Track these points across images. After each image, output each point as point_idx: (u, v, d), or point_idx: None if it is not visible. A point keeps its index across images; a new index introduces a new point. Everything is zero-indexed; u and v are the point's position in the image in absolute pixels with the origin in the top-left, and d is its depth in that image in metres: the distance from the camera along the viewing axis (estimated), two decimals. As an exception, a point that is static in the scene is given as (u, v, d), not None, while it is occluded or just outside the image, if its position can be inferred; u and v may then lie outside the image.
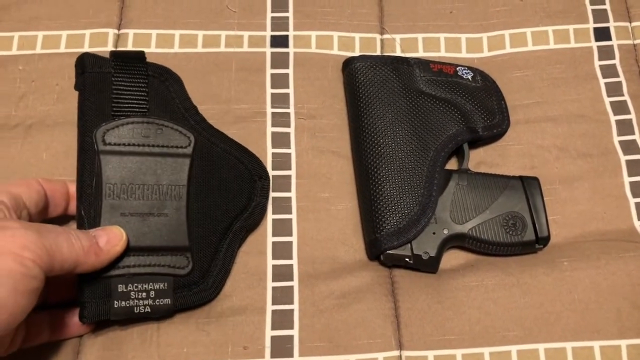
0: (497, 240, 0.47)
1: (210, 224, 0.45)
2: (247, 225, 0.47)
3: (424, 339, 0.45)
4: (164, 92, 0.48)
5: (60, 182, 0.44)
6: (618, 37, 0.57)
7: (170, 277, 0.43)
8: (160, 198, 0.44)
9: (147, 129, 0.45)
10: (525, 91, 0.55)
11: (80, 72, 0.46)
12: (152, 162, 0.44)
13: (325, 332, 0.45)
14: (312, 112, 0.53)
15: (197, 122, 0.48)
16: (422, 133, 0.50)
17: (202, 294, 0.44)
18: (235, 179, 0.47)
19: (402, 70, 0.53)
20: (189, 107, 0.48)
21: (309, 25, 0.56)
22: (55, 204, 0.44)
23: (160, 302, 0.42)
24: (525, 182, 0.49)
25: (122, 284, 0.41)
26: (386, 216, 0.47)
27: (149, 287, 0.42)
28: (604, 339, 0.45)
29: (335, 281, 0.47)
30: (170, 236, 0.44)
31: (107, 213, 0.42)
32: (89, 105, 0.45)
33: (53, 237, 0.36)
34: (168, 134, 0.46)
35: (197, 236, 0.45)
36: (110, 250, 0.40)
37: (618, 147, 0.53)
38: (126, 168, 0.44)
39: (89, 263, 0.39)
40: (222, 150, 0.48)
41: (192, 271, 0.44)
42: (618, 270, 0.47)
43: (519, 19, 0.58)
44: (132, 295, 0.41)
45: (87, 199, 0.43)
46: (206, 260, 0.45)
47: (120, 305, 0.41)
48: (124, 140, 0.44)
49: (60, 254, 0.36)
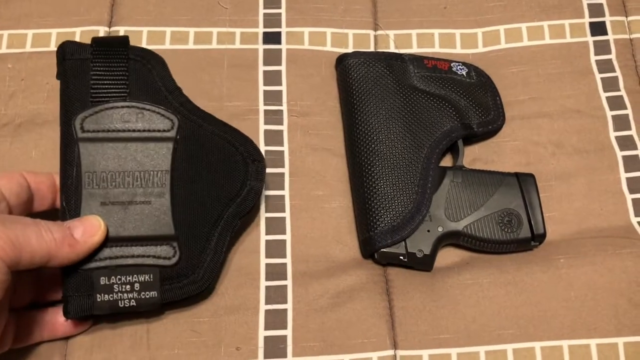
0: (492, 237, 0.47)
1: (199, 211, 0.44)
2: (240, 211, 0.44)
3: (419, 337, 0.45)
4: (146, 75, 0.45)
5: (46, 174, 0.43)
6: (614, 31, 0.57)
7: (156, 269, 0.41)
8: (142, 185, 0.42)
9: (127, 114, 0.43)
10: (520, 87, 0.54)
11: (60, 60, 0.45)
12: (133, 147, 0.43)
13: (319, 332, 0.44)
14: (305, 110, 0.53)
15: (181, 103, 0.46)
16: (416, 130, 0.49)
17: (191, 287, 0.42)
18: (226, 162, 0.45)
19: (396, 67, 0.52)
20: (173, 89, 0.46)
21: (301, 21, 0.56)
22: (41, 197, 0.42)
23: (146, 294, 0.41)
24: (521, 179, 0.48)
25: (104, 276, 0.40)
26: (380, 214, 0.47)
27: (133, 279, 0.40)
28: (601, 337, 0.45)
29: (329, 280, 0.46)
30: (154, 225, 0.42)
31: (87, 202, 0.41)
32: (69, 94, 0.43)
33: (20, 229, 0.35)
34: (149, 117, 0.44)
35: (185, 225, 0.43)
36: (87, 241, 0.39)
37: (614, 142, 0.52)
38: (105, 155, 0.42)
39: (64, 255, 0.37)
40: (210, 132, 0.45)
41: (179, 262, 0.42)
42: (615, 268, 0.47)
43: (514, 13, 0.57)
44: (115, 288, 0.40)
45: (68, 190, 0.41)
46: (196, 250, 0.43)
47: (103, 299, 0.40)
48: (102, 127, 0.43)
49: (29, 246, 0.35)
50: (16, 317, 0.40)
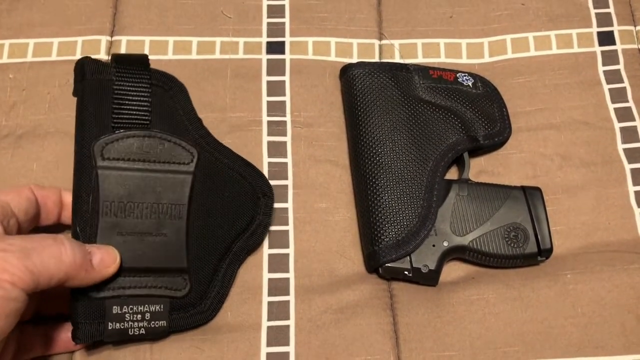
0: (498, 252, 0.46)
1: (211, 244, 0.44)
2: (248, 245, 0.46)
3: (424, 354, 0.44)
4: (168, 103, 0.46)
5: (53, 189, 0.43)
6: (622, 41, 0.56)
7: (167, 299, 0.42)
8: (159, 217, 0.42)
9: (148, 144, 0.43)
10: (527, 98, 0.54)
11: (79, 78, 0.44)
12: (153, 179, 0.43)
13: (322, 349, 0.44)
14: (309, 121, 0.52)
15: (201, 136, 0.46)
16: (421, 142, 0.49)
17: (198, 317, 0.43)
18: (238, 197, 0.46)
19: (401, 77, 0.51)
20: (194, 120, 0.47)
21: (305, 31, 0.55)
22: (47, 212, 0.42)
23: (155, 324, 0.41)
24: (528, 193, 0.48)
25: (117, 305, 0.40)
26: (385, 228, 0.46)
27: (144, 309, 0.41)
28: (608, 355, 0.44)
29: (332, 295, 0.46)
30: (168, 257, 0.42)
31: (104, 231, 0.41)
32: (87, 115, 0.43)
33: (37, 255, 0.34)
34: (170, 149, 0.43)
35: (196, 257, 0.43)
36: (102, 271, 0.39)
37: (622, 155, 0.52)
38: (125, 185, 0.42)
39: (79, 279, 0.37)
40: (225, 166, 0.46)
41: (189, 293, 0.43)
42: (622, 283, 0.46)
43: (521, 23, 0.56)
44: (127, 317, 0.40)
45: (83, 216, 0.41)
46: (204, 281, 0.44)
47: (114, 328, 0.40)
48: (123, 155, 0.42)
49: (47, 271, 0.35)
50: (18, 331, 0.40)
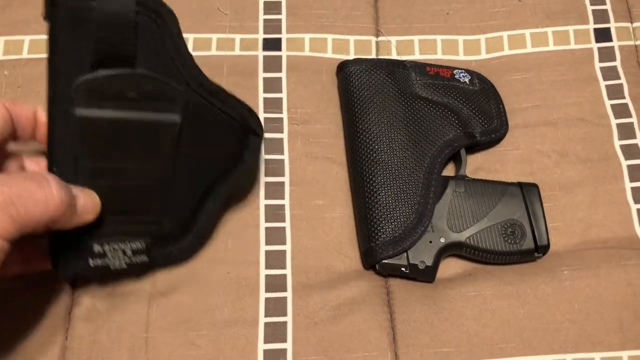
0: (495, 249, 0.46)
1: (193, 183, 0.43)
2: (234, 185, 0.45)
3: (420, 351, 0.44)
4: (155, 35, 0.39)
5: (27, 106, 0.40)
6: (619, 38, 0.56)
7: (148, 237, 0.42)
8: (142, 160, 0.40)
9: (134, 85, 0.38)
10: (524, 94, 0.54)
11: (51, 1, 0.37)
12: (136, 122, 0.39)
13: (319, 345, 0.44)
14: (305, 117, 0.52)
15: (191, 76, 0.41)
16: (418, 139, 0.49)
17: (179, 254, 0.44)
18: (225, 138, 0.44)
19: (398, 74, 0.51)
20: (184, 58, 0.41)
21: (302, 27, 0.55)
22: (21, 129, 0.40)
23: (136, 259, 0.42)
24: (524, 189, 0.48)
25: (98, 244, 0.40)
26: (382, 224, 0.46)
27: (124, 246, 0.41)
28: (605, 350, 0.44)
29: (329, 291, 0.46)
30: (150, 199, 0.42)
31: (83, 175, 0.39)
32: (64, 50, 0.37)
33: (22, 204, 0.33)
34: (157, 91, 0.39)
35: (178, 196, 0.43)
36: (83, 217, 0.38)
37: (619, 151, 0.52)
38: (105, 128, 0.38)
39: (63, 222, 0.36)
40: (215, 108, 0.43)
41: (170, 231, 0.43)
42: (619, 280, 0.46)
43: (518, 20, 0.56)
44: (108, 255, 0.40)
45: (62, 162, 0.38)
46: (186, 220, 0.44)
47: (96, 264, 0.40)
48: (105, 97, 0.38)
49: (32, 219, 0.33)
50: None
